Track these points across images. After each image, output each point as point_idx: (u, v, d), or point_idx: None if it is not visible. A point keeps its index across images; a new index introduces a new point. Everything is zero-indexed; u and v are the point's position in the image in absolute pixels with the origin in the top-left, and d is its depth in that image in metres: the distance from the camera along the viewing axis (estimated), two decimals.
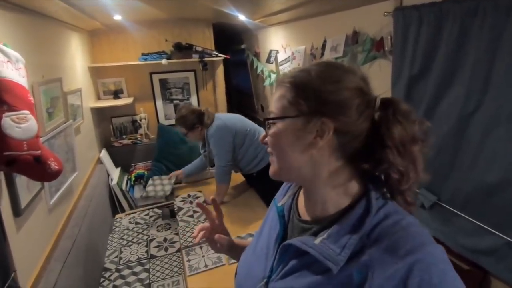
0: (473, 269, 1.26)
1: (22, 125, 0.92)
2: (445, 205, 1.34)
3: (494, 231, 1.15)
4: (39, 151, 0.96)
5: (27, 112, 0.95)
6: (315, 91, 0.51)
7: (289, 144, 0.53)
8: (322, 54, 1.94)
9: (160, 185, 2.38)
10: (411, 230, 0.47)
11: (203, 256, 1.53)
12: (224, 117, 2.02)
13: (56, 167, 1.03)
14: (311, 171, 0.53)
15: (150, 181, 2.42)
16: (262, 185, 2.04)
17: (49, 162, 1.00)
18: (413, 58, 1.31)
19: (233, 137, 1.96)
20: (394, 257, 0.43)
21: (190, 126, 1.97)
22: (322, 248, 0.48)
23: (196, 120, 1.96)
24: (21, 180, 1.13)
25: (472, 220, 1.23)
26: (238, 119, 2.06)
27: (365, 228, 0.47)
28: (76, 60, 2.21)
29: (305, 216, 0.58)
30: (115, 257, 1.94)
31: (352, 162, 0.53)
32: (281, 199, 0.66)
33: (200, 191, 2.23)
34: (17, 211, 1.10)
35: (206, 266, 1.47)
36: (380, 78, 1.53)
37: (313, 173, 0.53)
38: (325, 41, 1.93)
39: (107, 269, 1.84)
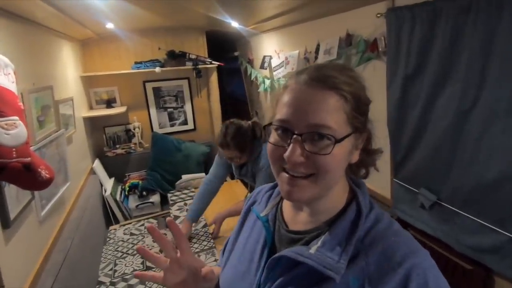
0: (476, 268, 1.24)
1: (11, 131, 0.88)
2: (445, 204, 1.33)
3: (496, 229, 1.13)
4: (28, 159, 0.92)
5: (16, 118, 0.91)
6: (366, 105, 0.50)
7: (344, 163, 0.49)
8: (316, 57, 1.95)
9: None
10: (402, 235, 0.48)
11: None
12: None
13: (47, 175, 0.99)
14: (336, 183, 0.51)
15: None
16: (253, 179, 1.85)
17: (39, 170, 0.96)
18: (407, 58, 1.31)
19: None
20: (390, 262, 0.44)
21: (243, 148, 1.50)
22: (320, 257, 0.46)
23: (249, 138, 1.52)
24: (10, 190, 1.08)
25: (474, 218, 1.21)
26: None
27: (359, 232, 0.47)
28: (68, 69, 2.18)
29: (294, 226, 0.55)
30: (109, 270, 1.87)
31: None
32: (262, 209, 0.61)
33: None
34: (6, 222, 1.05)
35: None
36: (374, 79, 1.53)
37: (335, 185, 0.51)
38: (318, 45, 1.94)
39: (101, 283, 1.76)
